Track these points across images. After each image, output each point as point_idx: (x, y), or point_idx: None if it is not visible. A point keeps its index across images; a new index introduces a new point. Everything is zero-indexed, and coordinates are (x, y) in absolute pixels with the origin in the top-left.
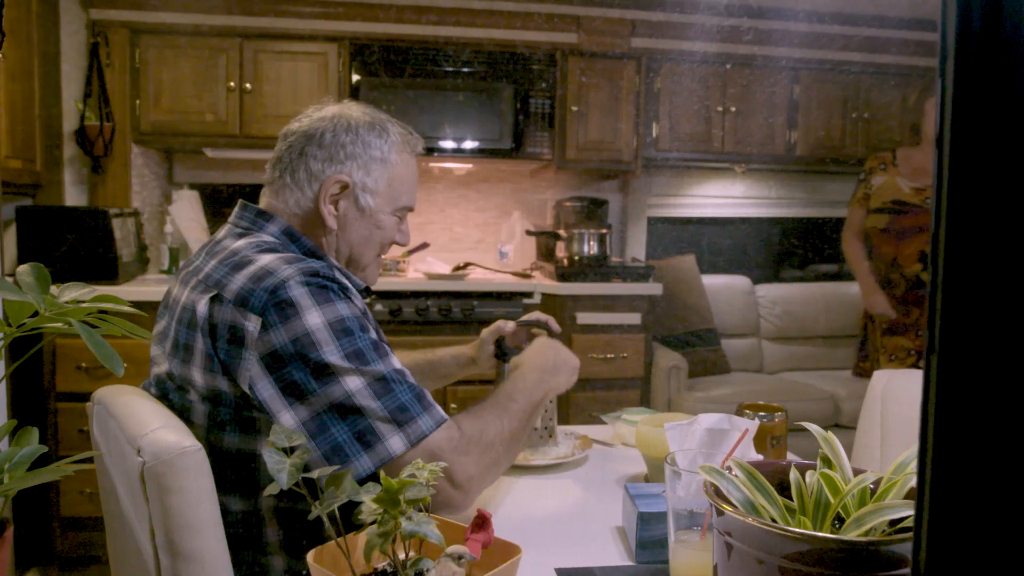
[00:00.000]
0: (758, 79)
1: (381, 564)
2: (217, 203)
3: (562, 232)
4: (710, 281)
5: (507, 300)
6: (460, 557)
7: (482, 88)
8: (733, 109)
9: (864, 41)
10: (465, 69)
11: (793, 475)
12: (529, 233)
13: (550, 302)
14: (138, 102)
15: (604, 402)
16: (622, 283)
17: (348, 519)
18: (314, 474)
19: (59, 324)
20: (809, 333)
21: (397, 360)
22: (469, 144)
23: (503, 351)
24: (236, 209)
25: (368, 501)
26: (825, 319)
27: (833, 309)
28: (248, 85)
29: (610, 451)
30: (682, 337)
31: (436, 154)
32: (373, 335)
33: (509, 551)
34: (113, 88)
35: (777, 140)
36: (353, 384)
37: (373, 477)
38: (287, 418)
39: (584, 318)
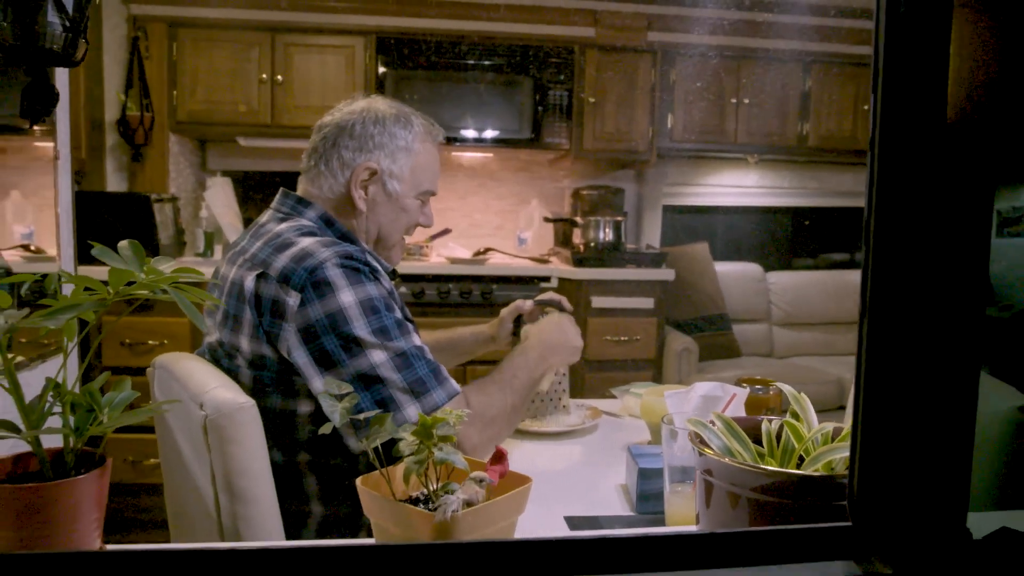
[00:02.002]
0: (771, 72)
1: (415, 492)
2: (248, 189)
3: (578, 219)
4: (723, 268)
5: (525, 284)
6: (481, 481)
7: (502, 80)
8: (746, 101)
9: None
10: (486, 62)
11: (764, 425)
12: (547, 220)
13: (566, 286)
14: (175, 93)
15: (617, 382)
16: (636, 268)
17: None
18: (359, 416)
19: (145, 292)
20: (818, 319)
21: (418, 338)
22: (490, 134)
23: (521, 329)
24: (278, 196)
25: (407, 436)
26: (834, 306)
27: (842, 296)
28: (279, 77)
29: (618, 421)
30: (694, 321)
31: (457, 143)
32: (398, 314)
33: (521, 480)
34: (151, 80)
35: (789, 131)
36: (377, 357)
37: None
38: (318, 384)
39: (599, 302)
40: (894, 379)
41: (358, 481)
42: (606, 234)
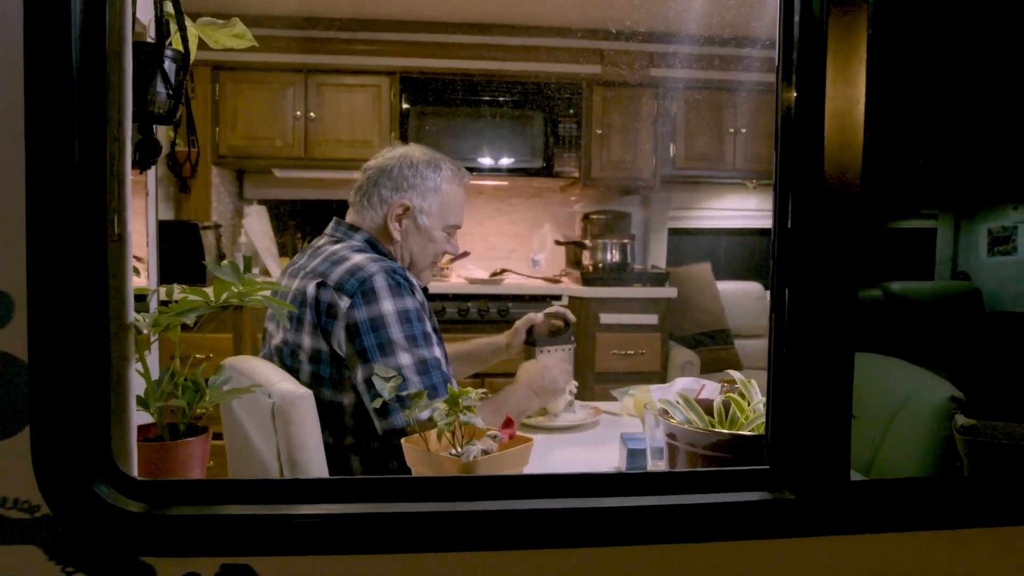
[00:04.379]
0: (766, 103)
1: (444, 452)
2: (281, 217)
3: (587, 242)
4: (725, 286)
5: (538, 302)
6: (495, 437)
7: (516, 114)
8: (743, 130)
9: None
10: (501, 98)
11: (716, 401)
12: (558, 243)
13: (576, 304)
14: (217, 129)
15: None
16: (641, 287)
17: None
18: (404, 392)
19: (236, 299)
20: None
21: (439, 350)
22: (505, 163)
23: (533, 338)
24: (331, 224)
25: (440, 405)
26: None
27: None
28: (312, 114)
29: (617, 419)
30: (697, 337)
31: (475, 173)
32: (427, 326)
33: (525, 440)
34: (196, 118)
35: None
36: (404, 360)
37: (402, 431)
38: (358, 373)
39: (606, 318)
40: (793, 361)
41: (403, 440)
42: (613, 255)
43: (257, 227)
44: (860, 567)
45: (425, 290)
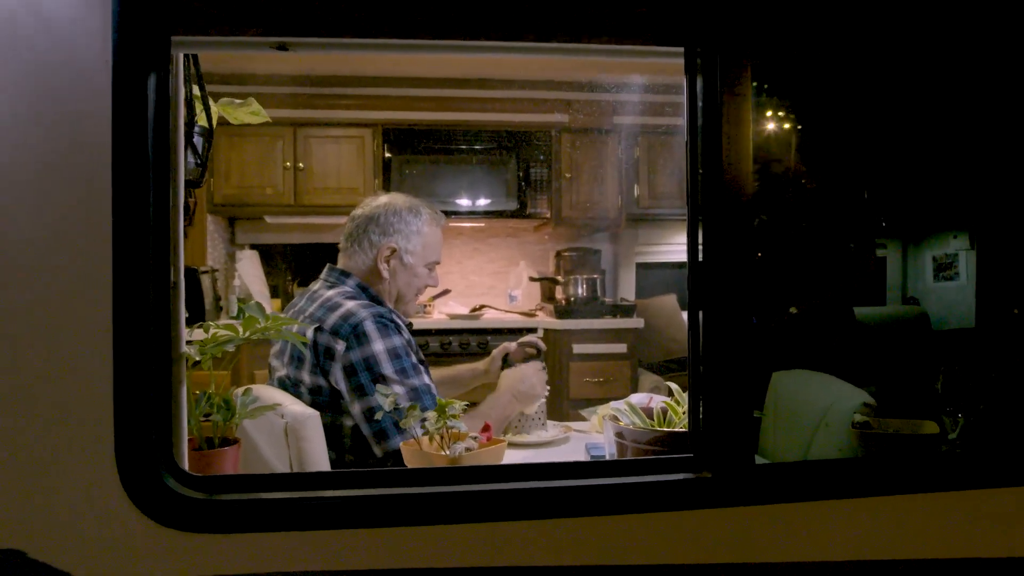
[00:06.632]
0: None
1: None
2: (273, 260)
3: (560, 278)
4: None
5: (516, 335)
6: (475, 438)
7: (491, 160)
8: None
9: None
10: (477, 146)
11: (655, 408)
12: (532, 279)
13: (551, 336)
14: (211, 180)
15: None
16: (611, 319)
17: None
18: (401, 406)
19: (258, 336)
20: None
21: (428, 377)
22: (481, 204)
23: (508, 365)
24: (325, 270)
25: (431, 414)
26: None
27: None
28: (301, 164)
29: (586, 436)
30: (665, 363)
31: (453, 215)
32: (414, 359)
33: (499, 442)
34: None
35: None
36: (397, 390)
37: (398, 452)
38: (356, 407)
39: (579, 348)
40: (707, 370)
41: (401, 444)
42: (584, 290)
43: (250, 271)
44: (762, 529)
45: (410, 326)
